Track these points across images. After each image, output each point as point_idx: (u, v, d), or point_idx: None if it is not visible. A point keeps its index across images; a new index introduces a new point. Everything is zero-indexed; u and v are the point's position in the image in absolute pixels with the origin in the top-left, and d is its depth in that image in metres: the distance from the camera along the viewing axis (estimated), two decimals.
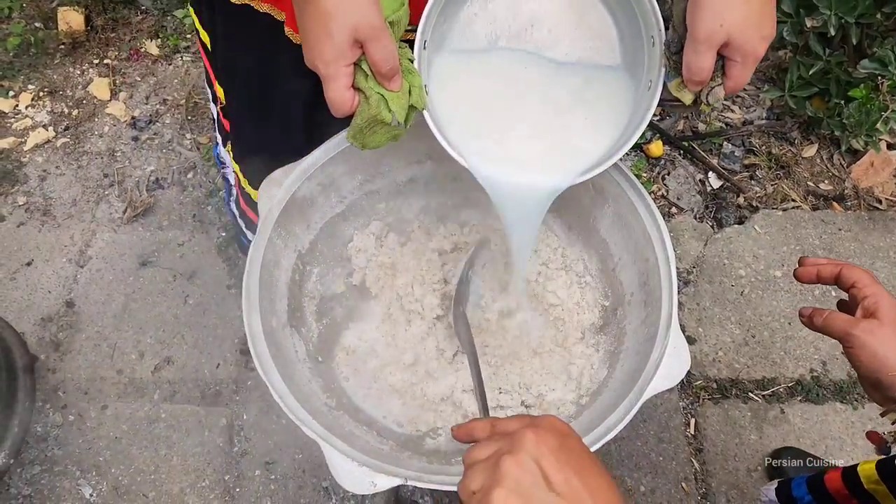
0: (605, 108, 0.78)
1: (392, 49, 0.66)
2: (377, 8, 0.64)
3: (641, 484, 1.36)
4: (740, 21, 0.65)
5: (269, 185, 0.92)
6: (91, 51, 2.04)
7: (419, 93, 0.73)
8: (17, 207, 1.73)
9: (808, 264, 0.76)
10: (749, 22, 0.66)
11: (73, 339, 1.52)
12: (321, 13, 0.64)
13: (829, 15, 1.55)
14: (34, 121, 1.89)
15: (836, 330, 0.70)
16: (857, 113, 1.63)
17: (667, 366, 0.79)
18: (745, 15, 0.65)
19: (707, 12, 0.66)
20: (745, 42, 0.67)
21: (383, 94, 0.70)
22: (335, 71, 0.66)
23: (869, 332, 0.67)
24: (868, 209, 1.76)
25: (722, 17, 0.66)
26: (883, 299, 0.69)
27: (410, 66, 0.72)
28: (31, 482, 1.35)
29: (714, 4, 0.66)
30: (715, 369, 1.50)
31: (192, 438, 1.40)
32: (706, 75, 0.69)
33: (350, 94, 0.68)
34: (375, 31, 0.64)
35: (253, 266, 0.87)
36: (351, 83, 0.68)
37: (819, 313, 0.73)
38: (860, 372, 0.69)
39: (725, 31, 0.66)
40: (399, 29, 0.69)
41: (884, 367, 0.66)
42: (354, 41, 0.65)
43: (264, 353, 0.81)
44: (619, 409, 0.78)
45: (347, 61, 0.66)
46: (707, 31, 0.66)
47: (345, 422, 0.89)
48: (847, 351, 0.69)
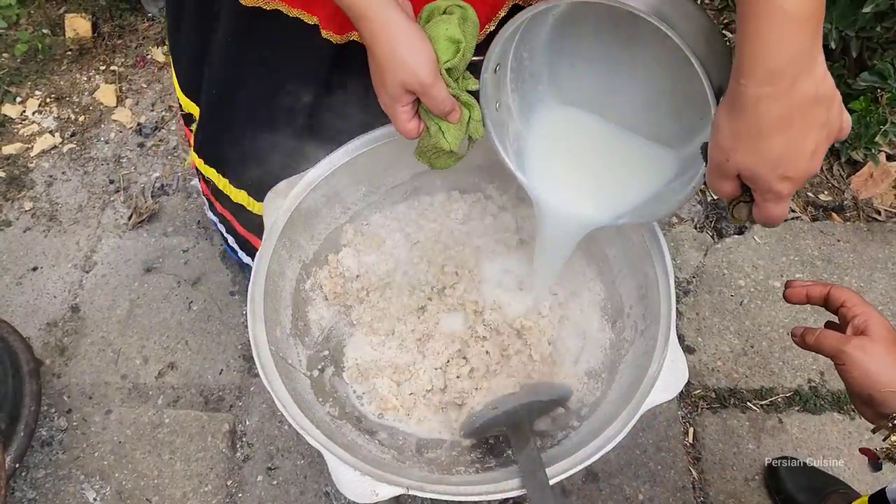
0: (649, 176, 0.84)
1: (442, 97, 0.72)
2: (426, 60, 0.70)
3: (640, 492, 1.37)
4: (748, 159, 0.59)
5: (274, 196, 0.94)
6: (98, 57, 2.06)
7: (476, 125, 0.79)
8: (24, 213, 1.75)
9: (795, 286, 0.77)
10: (760, 160, 0.58)
11: (78, 344, 1.54)
12: (377, 65, 0.71)
13: (829, 28, 1.57)
14: (41, 126, 1.91)
15: (827, 348, 0.71)
16: (856, 125, 1.64)
17: (665, 378, 0.80)
18: (755, 152, 0.58)
19: (714, 142, 0.61)
20: (757, 180, 0.60)
21: (440, 126, 0.76)
22: (393, 112, 0.74)
23: (860, 349, 0.68)
24: (867, 220, 1.77)
25: (727, 152, 0.60)
26: (872, 317, 0.70)
27: (470, 100, 0.77)
28: (36, 486, 1.36)
29: (721, 137, 0.60)
30: (714, 379, 1.51)
31: (195, 443, 1.42)
32: (725, 196, 0.65)
33: (412, 126, 0.76)
34: (424, 87, 0.70)
35: (258, 276, 0.88)
36: (410, 118, 0.75)
37: (810, 332, 0.74)
38: (852, 389, 0.70)
39: (734, 166, 0.60)
40: (458, 71, 0.74)
41: (876, 384, 0.67)
42: (406, 91, 0.71)
43: (268, 363, 0.83)
44: (617, 420, 0.79)
45: (403, 104, 0.73)
46: (715, 162, 0.62)
47: (347, 431, 0.90)
48: (839, 368, 0.70)
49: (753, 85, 0.55)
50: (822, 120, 0.57)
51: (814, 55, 0.54)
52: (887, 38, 1.62)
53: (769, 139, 0.57)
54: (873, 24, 1.56)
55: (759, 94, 0.55)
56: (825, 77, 0.55)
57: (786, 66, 0.53)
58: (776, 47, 0.53)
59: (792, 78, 0.54)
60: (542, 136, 0.87)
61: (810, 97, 0.55)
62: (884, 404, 0.67)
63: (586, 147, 0.87)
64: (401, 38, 0.68)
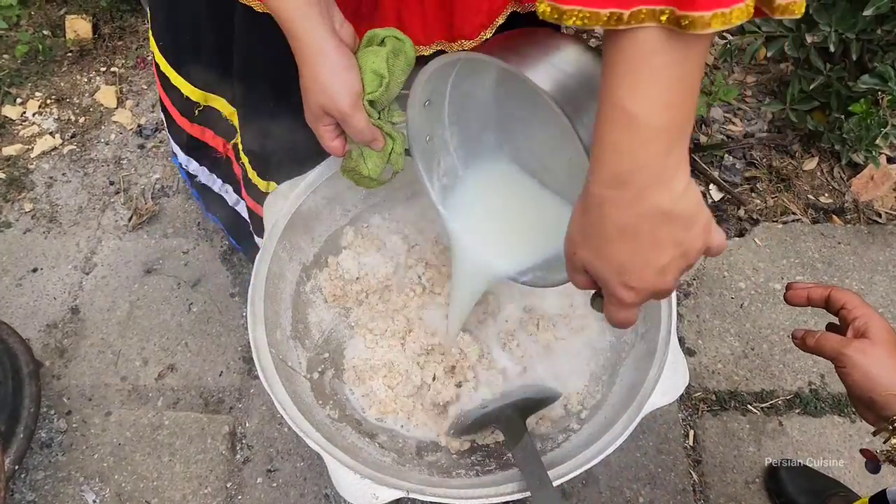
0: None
1: (361, 127, 0.73)
2: (347, 90, 0.71)
3: (640, 495, 1.37)
4: (592, 259, 0.56)
5: (275, 198, 0.94)
6: (98, 59, 2.06)
7: (396, 158, 0.80)
8: (24, 214, 1.75)
9: (796, 288, 0.77)
10: (603, 264, 0.55)
11: (77, 345, 1.54)
12: (303, 85, 0.72)
13: (829, 31, 1.57)
14: (41, 128, 1.91)
15: (828, 350, 0.71)
16: (857, 127, 1.64)
17: (665, 381, 0.80)
18: (598, 254, 0.55)
19: (567, 234, 0.58)
20: (600, 281, 0.57)
21: (362, 152, 0.78)
22: (316, 130, 0.76)
23: (861, 352, 0.68)
24: (868, 223, 1.77)
25: (575, 246, 0.58)
26: (873, 319, 0.70)
27: (393, 132, 0.77)
28: (36, 488, 1.36)
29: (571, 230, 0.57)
30: (714, 381, 1.51)
31: (195, 446, 1.42)
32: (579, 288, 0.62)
33: (335, 144, 0.77)
34: (342, 115, 0.72)
35: (258, 279, 0.88)
36: (334, 137, 0.76)
37: (811, 335, 0.74)
38: (853, 392, 0.70)
39: (580, 261, 0.58)
40: (382, 104, 0.75)
41: (876, 387, 0.67)
42: (326, 114, 0.73)
43: (269, 366, 0.83)
44: (618, 423, 0.79)
45: (324, 124, 0.74)
46: (567, 253, 0.59)
47: (347, 433, 0.90)
48: (839, 371, 0.70)
49: (597, 186, 0.51)
50: (677, 239, 0.52)
51: (670, 169, 0.49)
52: (888, 40, 1.62)
53: (612, 245, 0.53)
54: (874, 26, 1.56)
55: (603, 197, 0.51)
56: (686, 194, 0.51)
57: (631, 174, 0.49)
58: (620, 154, 0.49)
59: (639, 188, 0.49)
60: (475, 181, 0.88)
61: (661, 212, 0.50)
62: (885, 407, 0.67)
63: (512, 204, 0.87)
64: (325, 64, 0.69)
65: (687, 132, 0.49)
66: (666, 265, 0.53)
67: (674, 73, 0.46)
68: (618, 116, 0.47)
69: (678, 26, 0.43)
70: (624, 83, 0.46)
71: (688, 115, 0.48)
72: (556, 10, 0.46)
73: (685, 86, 0.47)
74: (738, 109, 1.98)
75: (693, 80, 0.47)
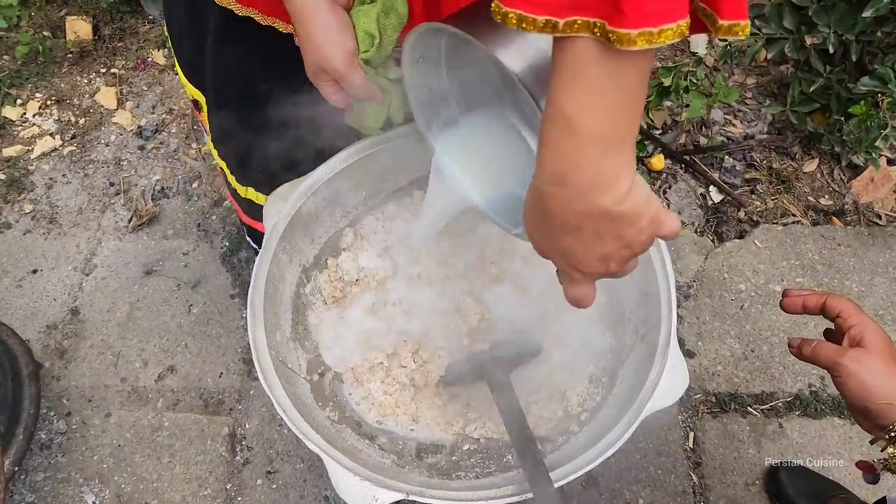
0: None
1: (357, 84, 0.74)
2: (340, 50, 0.71)
3: (640, 497, 1.37)
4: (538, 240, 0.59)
5: (274, 200, 0.94)
6: (98, 60, 2.06)
7: (396, 110, 0.82)
8: (24, 215, 1.75)
9: (792, 295, 0.77)
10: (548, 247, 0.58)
11: (77, 346, 1.54)
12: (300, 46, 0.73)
13: (828, 32, 1.57)
14: (41, 129, 1.91)
15: (823, 359, 0.71)
16: (857, 129, 1.64)
17: (666, 384, 0.80)
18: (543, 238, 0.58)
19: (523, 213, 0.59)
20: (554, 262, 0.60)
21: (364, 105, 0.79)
22: (317, 86, 0.76)
23: (856, 361, 0.68)
24: (868, 225, 1.77)
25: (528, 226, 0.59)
26: (868, 328, 0.70)
27: (389, 86, 0.78)
28: (35, 489, 1.36)
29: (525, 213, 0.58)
30: (714, 383, 1.51)
31: (195, 447, 1.41)
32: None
33: (337, 98, 0.78)
34: (338, 74, 0.73)
35: (258, 280, 0.88)
36: (333, 92, 0.77)
37: (807, 343, 0.74)
38: (848, 401, 0.70)
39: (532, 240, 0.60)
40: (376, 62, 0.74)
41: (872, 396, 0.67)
42: (322, 72, 0.74)
43: (268, 368, 0.83)
44: (618, 426, 0.79)
45: (323, 80, 0.75)
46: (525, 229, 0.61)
47: (347, 435, 0.90)
48: (835, 380, 0.70)
49: (540, 181, 0.52)
50: (619, 234, 0.53)
51: (609, 173, 0.50)
52: (888, 42, 1.62)
53: (555, 235, 0.55)
54: (873, 28, 1.56)
55: (545, 193, 0.52)
56: (629, 196, 0.51)
57: (568, 175, 0.50)
58: (557, 155, 0.50)
59: (577, 189, 0.50)
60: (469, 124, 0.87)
61: (601, 212, 0.51)
62: (880, 416, 0.67)
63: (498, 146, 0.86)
64: (318, 24, 0.70)
65: (628, 139, 0.49)
66: (608, 255, 0.55)
67: (610, 83, 0.46)
68: (558, 118, 0.48)
69: (608, 41, 0.44)
70: (564, 87, 0.48)
71: (627, 122, 0.49)
72: (499, 10, 0.47)
73: (622, 95, 0.47)
74: (739, 111, 1.98)
75: (631, 89, 0.47)
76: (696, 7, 0.49)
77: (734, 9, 0.48)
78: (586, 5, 0.44)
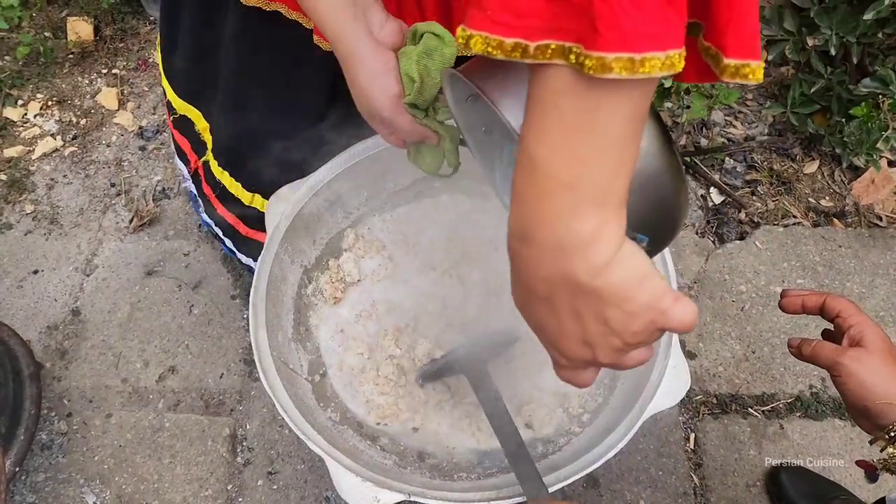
0: None
1: (406, 129, 0.72)
2: (385, 95, 0.70)
3: (641, 498, 1.37)
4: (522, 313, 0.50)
5: (276, 201, 0.94)
6: (99, 60, 2.06)
7: (449, 155, 0.78)
8: (25, 216, 1.75)
9: (791, 295, 0.77)
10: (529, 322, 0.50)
11: (78, 347, 1.54)
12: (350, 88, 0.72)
13: (830, 34, 1.57)
14: (42, 130, 1.91)
15: (823, 359, 0.71)
16: (857, 131, 1.65)
17: (667, 385, 0.80)
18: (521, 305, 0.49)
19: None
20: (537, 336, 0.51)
21: (418, 149, 0.78)
22: (373, 127, 0.76)
23: (856, 361, 0.68)
24: (868, 226, 1.77)
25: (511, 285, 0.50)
26: (868, 328, 0.70)
27: (441, 129, 0.74)
28: (36, 489, 1.36)
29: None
30: (715, 384, 1.51)
31: (196, 448, 1.41)
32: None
33: (392, 141, 0.77)
34: (384, 120, 0.72)
35: (260, 281, 0.88)
36: (388, 135, 0.76)
37: (807, 343, 0.74)
38: (848, 400, 0.70)
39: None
40: (423, 104, 0.71)
41: (871, 395, 0.67)
42: (371, 116, 0.73)
43: (270, 369, 0.83)
44: (619, 427, 0.79)
45: (375, 124, 0.74)
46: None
47: (348, 436, 0.90)
48: (835, 380, 0.70)
49: (509, 235, 0.45)
50: (601, 316, 0.44)
51: (582, 235, 0.41)
52: (889, 44, 1.63)
53: (528, 302, 0.48)
54: (874, 30, 1.56)
55: (513, 250, 0.46)
56: (612, 269, 0.42)
57: (531, 230, 0.43)
58: (521, 204, 0.43)
59: (541, 249, 0.43)
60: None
61: (573, 282, 0.43)
62: (880, 416, 0.67)
63: None
64: (361, 69, 0.69)
65: (610, 197, 0.41)
66: (589, 340, 0.45)
67: (583, 121, 0.39)
68: (524, 161, 0.42)
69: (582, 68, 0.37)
70: (532, 125, 0.41)
71: (606, 175, 0.40)
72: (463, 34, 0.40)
73: (599, 139, 0.39)
74: (739, 113, 1.98)
75: (612, 133, 0.39)
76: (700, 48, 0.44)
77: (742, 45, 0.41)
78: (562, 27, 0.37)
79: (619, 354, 0.46)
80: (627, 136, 0.40)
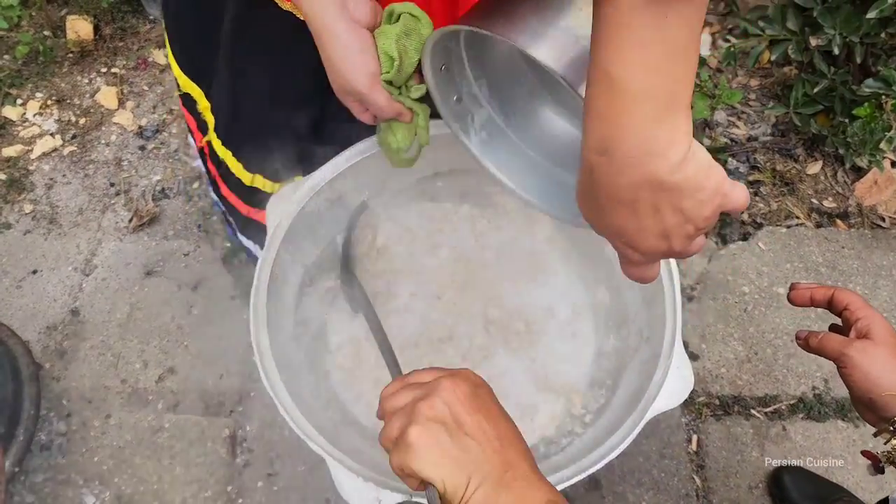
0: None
1: (381, 105, 0.73)
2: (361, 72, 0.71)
3: (643, 500, 1.37)
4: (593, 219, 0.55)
5: (277, 200, 0.93)
6: (99, 60, 2.06)
7: (422, 132, 0.80)
8: (24, 215, 1.74)
9: (800, 288, 0.77)
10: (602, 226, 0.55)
11: (77, 347, 1.53)
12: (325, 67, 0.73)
13: (833, 34, 1.56)
14: (41, 129, 1.90)
15: (830, 350, 0.72)
16: (860, 131, 1.64)
17: (670, 386, 0.80)
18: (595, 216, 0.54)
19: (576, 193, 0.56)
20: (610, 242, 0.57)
21: (390, 125, 0.79)
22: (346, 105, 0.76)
23: (862, 352, 0.68)
24: (871, 227, 1.76)
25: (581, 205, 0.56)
26: (875, 320, 0.70)
27: (415, 106, 0.77)
28: (35, 490, 1.35)
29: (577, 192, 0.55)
30: (717, 386, 1.51)
31: (195, 449, 1.41)
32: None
33: (365, 118, 0.77)
34: (360, 96, 0.72)
35: (261, 281, 0.87)
36: (361, 111, 0.77)
37: (814, 335, 0.74)
38: (853, 392, 0.70)
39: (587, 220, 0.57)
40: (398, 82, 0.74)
41: (877, 387, 0.67)
42: (347, 93, 0.74)
43: (271, 369, 0.82)
44: (621, 428, 0.78)
45: (349, 101, 0.75)
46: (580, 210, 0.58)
47: (349, 437, 0.89)
48: (841, 371, 0.70)
49: (587, 151, 0.49)
50: (678, 206, 0.49)
51: (661, 139, 0.45)
52: (892, 44, 1.62)
53: (606, 210, 0.51)
54: (878, 30, 1.55)
55: (592, 163, 0.49)
56: (686, 164, 0.47)
57: (614, 142, 0.46)
58: (603, 120, 0.46)
59: (625, 157, 0.46)
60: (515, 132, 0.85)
61: (655, 182, 0.47)
62: (885, 408, 0.67)
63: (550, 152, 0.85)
64: (336, 46, 0.69)
65: (681, 100, 0.45)
66: (667, 231, 0.50)
67: (655, 35, 0.42)
68: (601, 79, 0.45)
69: None
70: (605, 44, 0.44)
71: (677, 81, 0.44)
72: None
73: (669, 49, 0.43)
74: (742, 113, 1.97)
75: (679, 43, 0.43)
76: None
77: None
78: None
79: (689, 241, 0.52)
80: (691, 44, 0.44)
